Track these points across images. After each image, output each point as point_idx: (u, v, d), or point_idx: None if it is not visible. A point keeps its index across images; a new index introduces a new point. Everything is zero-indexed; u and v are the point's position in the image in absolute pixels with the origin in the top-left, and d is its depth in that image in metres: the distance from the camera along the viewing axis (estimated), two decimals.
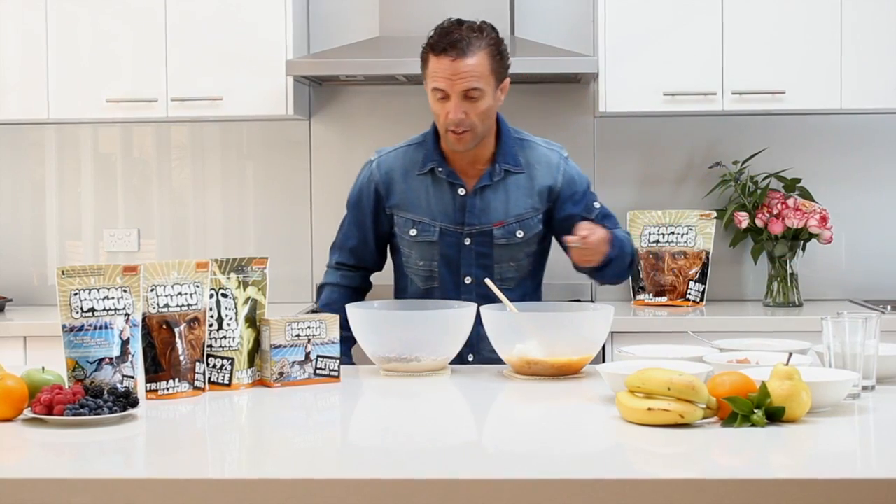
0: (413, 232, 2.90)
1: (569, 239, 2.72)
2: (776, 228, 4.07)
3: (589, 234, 2.71)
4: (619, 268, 2.89)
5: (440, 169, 2.88)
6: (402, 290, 3.01)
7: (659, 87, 4.02)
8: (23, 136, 4.47)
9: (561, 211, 2.92)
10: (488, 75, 2.78)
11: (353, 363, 2.83)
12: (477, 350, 2.84)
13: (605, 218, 2.95)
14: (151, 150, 4.47)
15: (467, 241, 2.89)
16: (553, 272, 3.14)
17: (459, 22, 2.79)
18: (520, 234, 2.87)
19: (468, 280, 2.90)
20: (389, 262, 3.07)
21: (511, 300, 2.71)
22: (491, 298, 2.82)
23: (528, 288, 2.95)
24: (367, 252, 3.01)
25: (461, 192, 2.88)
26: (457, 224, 2.89)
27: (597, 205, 2.96)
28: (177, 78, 4.09)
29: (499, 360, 2.68)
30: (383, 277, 3.14)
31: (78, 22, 4.12)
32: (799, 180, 4.23)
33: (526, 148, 2.92)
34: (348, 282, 3.03)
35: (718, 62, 4.01)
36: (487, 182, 2.88)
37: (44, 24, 4.11)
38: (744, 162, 4.24)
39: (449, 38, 2.74)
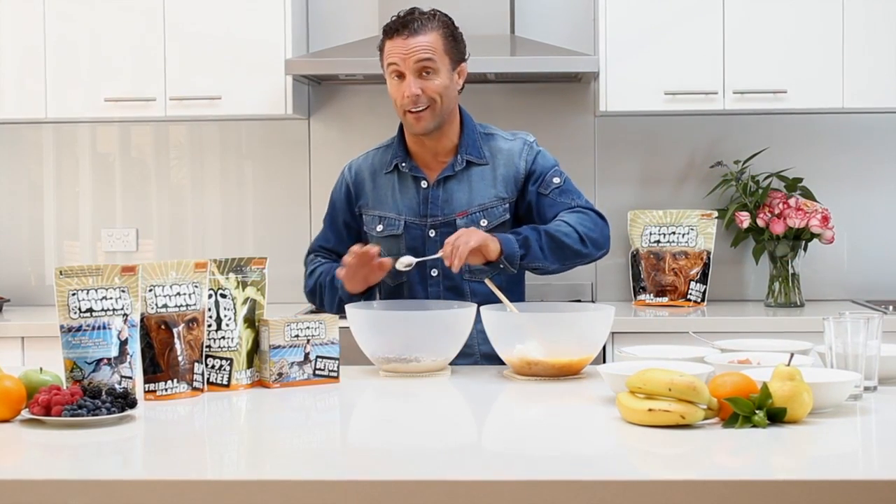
0: (379, 228, 2.91)
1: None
2: (778, 228, 4.06)
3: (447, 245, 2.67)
4: (551, 251, 2.76)
5: (403, 164, 2.90)
6: (378, 292, 2.99)
7: (660, 86, 4.01)
8: (20, 136, 4.46)
9: (525, 195, 2.89)
10: (442, 53, 2.80)
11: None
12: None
13: (561, 194, 2.86)
14: (150, 150, 4.46)
15: (432, 234, 2.88)
16: None
17: (413, 9, 2.84)
18: (483, 222, 2.86)
19: (434, 273, 2.88)
20: None
21: (483, 292, 2.74)
22: (458, 290, 2.81)
23: (501, 280, 2.82)
24: (336, 254, 2.99)
25: (423, 184, 2.89)
26: (420, 216, 2.89)
27: (556, 180, 2.88)
28: (175, 77, 4.08)
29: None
30: None
31: (76, 20, 4.10)
32: (800, 180, 4.22)
33: (490, 141, 2.92)
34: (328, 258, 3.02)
35: (720, 61, 4.00)
36: (450, 173, 2.88)
37: (42, 23, 4.10)
38: (745, 161, 4.23)
39: (401, 21, 2.81)
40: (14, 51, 4.12)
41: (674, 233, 4.16)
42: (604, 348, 3.47)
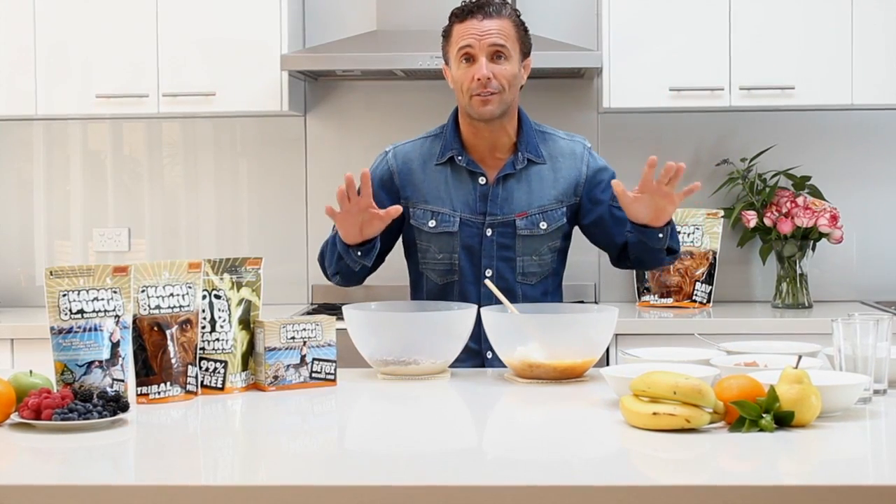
0: (432, 223, 2.86)
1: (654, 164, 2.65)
2: (785, 228, 4.03)
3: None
4: (672, 244, 2.85)
5: (460, 157, 2.85)
6: (418, 290, 2.95)
7: (665, 82, 3.99)
8: (10, 133, 4.42)
9: (589, 201, 2.89)
10: (514, 40, 2.80)
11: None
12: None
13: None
14: (142, 147, 4.42)
15: (489, 232, 2.85)
16: None
17: None
18: (543, 225, 2.84)
19: (489, 273, 2.85)
20: (403, 265, 3.00)
21: (532, 296, 2.76)
22: (511, 292, 2.79)
23: (549, 285, 2.90)
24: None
25: (482, 181, 2.85)
26: (478, 214, 2.85)
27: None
28: (168, 73, 4.04)
29: None
30: (399, 278, 3.07)
31: (67, 14, 4.07)
32: (808, 178, 4.20)
33: (548, 140, 2.91)
34: None
35: (726, 56, 3.98)
36: (511, 171, 2.85)
37: (32, 17, 4.06)
38: (752, 159, 4.20)
39: (476, 3, 2.78)
40: (3, 45, 4.08)
41: (679, 232, 4.12)
42: (607, 350, 3.44)
